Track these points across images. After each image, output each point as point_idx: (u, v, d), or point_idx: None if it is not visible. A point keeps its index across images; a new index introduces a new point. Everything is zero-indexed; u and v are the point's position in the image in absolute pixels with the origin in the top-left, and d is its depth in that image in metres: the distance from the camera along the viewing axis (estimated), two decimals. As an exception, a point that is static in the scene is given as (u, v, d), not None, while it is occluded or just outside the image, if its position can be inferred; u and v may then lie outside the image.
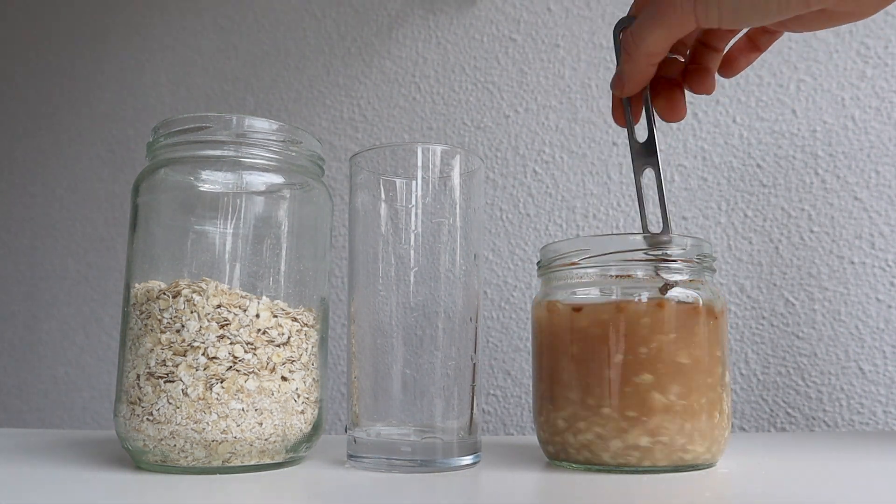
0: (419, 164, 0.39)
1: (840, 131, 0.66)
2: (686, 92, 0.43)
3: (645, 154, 0.42)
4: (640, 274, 0.38)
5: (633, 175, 0.43)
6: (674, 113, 0.43)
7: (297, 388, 0.39)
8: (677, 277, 0.38)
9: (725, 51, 0.44)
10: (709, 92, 0.43)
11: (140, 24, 0.91)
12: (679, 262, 0.39)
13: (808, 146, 0.67)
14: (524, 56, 0.75)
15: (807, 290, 0.65)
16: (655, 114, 0.42)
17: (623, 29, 0.42)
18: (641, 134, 0.42)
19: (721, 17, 0.34)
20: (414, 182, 0.39)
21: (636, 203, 0.43)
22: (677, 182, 0.69)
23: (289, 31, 0.84)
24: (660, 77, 0.42)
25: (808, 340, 0.64)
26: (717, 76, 0.44)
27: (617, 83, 0.41)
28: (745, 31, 0.43)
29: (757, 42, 0.43)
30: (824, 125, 0.67)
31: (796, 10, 0.33)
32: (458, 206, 0.40)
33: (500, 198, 0.73)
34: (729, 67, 0.44)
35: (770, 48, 0.68)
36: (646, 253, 0.39)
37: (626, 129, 0.43)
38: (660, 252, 0.39)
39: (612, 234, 0.41)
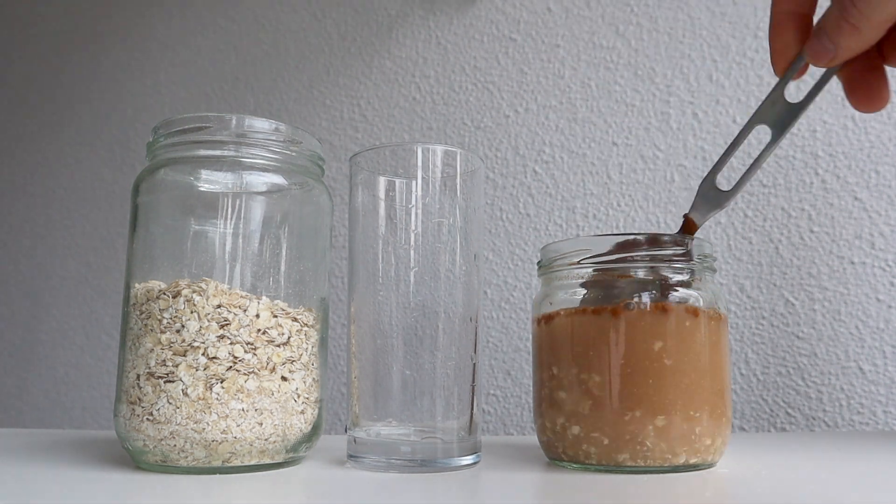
0: (419, 164, 0.39)
1: (840, 131, 0.66)
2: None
3: (781, 115, 0.37)
4: (640, 274, 0.38)
5: (747, 122, 0.37)
6: (874, 101, 0.35)
7: (297, 388, 0.39)
8: (678, 277, 0.38)
9: None
10: None
11: (140, 24, 0.91)
12: (679, 262, 0.39)
13: (808, 146, 0.67)
14: (524, 56, 0.75)
15: (807, 290, 0.65)
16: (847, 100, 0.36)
17: None
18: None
19: None
20: (414, 182, 0.39)
21: (726, 149, 0.38)
22: (677, 182, 0.69)
23: (289, 31, 0.84)
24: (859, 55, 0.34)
25: (808, 340, 0.64)
26: None
27: (822, 54, 0.33)
28: None
29: None
30: (824, 125, 0.67)
31: None
32: (458, 206, 0.40)
33: (500, 198, 0.73)
34: None
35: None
36: (651, 251, 0.38)
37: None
38: (683, 240, 0.38)
39: (613, 234, 0.41)
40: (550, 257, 0.41)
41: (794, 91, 0.38)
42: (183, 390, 0.36)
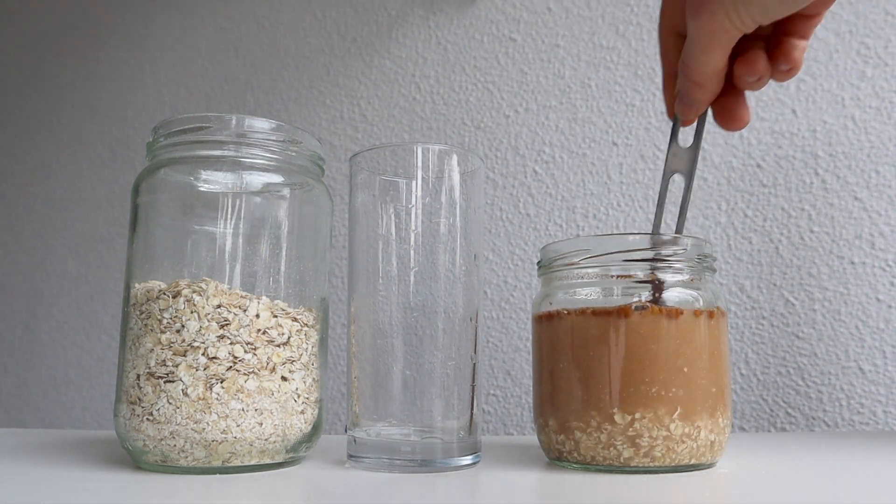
0: (419, 164, 0.39)
1: (840, 131, 0.66)
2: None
3: (684, 160, 0.42)
4: (640, 274, 0.38)
5: (661, 176, 0.42)
6: (735, 122, 0.41)
7: (297, 388, 0.39)
8: (678, 277, 0.38)
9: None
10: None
11: (140, 24, 0.92)
12: (679, 262, 0.39)
13: (808, 146, 0.67)
14: (524, 56, 0.75)
15: (807, 290, 0.65)
16: (708, 121, 0.41)
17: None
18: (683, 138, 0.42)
19: (752, 17, 0.34)
20: (414, 182, 0.39)
21: (656, 204, 0.42)
22: (677, 182, 0.69)
23: (289, 31, 0.84)
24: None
25: (808, 340, 0.64)
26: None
27: (685, 110, 0.40)
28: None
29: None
30: (824, 125, 0.67)
31: None
32: (458, 206, 0.40)
33: (500, 198, 0.73)
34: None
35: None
36: (651, 252, 0.39)
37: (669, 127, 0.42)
38: (659, 253, 0.39)
39: (612, 234, 0.41)
40: (550, 257, 0.41)
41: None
42: (183, 390, 0.36)
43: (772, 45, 0.40)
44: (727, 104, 0.41)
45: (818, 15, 0.39)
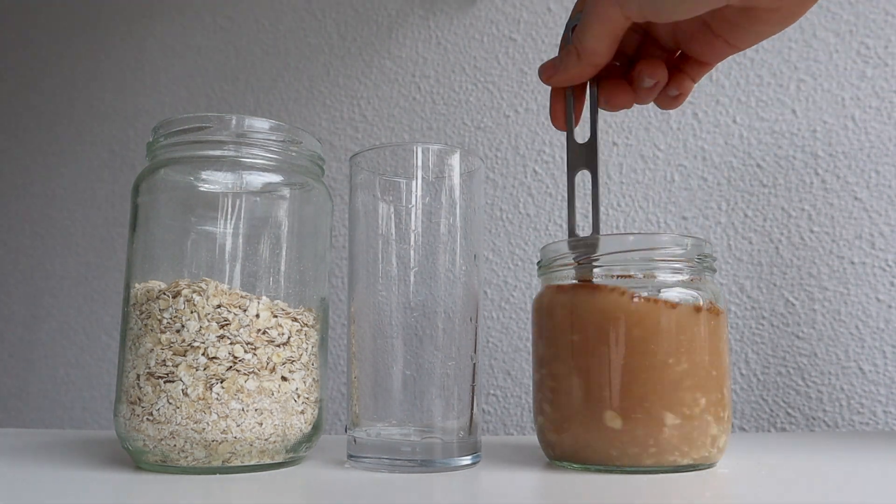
0: (419, 164, 0.39)
1: (840, 131, 0.66)
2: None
3: (584, 156, 0.42)
4: (640, 274, 0.38)
5: (566, 175, 0.42)
6: (613, 103, 0.42)
7: (297, 388, 0.39)
8: (678, 277, 0.38)
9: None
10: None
11: (140, 24, 0.92)
12: (679, 262, 0.39)
13: (808, 146, 0.67)
14: (524, 56, 0.75)
15: (807, 290, 0.65)
16: (599, 112, 0.42)
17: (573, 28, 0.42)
18: (581, 135, 0.42)
19: (641, 9, 0.35)
20: (414, 182, 0.39)
21: (566, 204, 0.42)
22: (677, 182, 0.69)
23: (289, 31, 0.84)
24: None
25: (808, 340, 0.64)
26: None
27: (548, 70, 0.41)
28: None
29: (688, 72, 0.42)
30: (824, 125, 0.67)
31: (716, 2, 0.34)
32: (458, 206, 0.40)
33: (500, 198, 0.73)
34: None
35: (770, 48, 0.68)
36: (573, 258, 0.39)
37: (576, 129, 0.43)
38: (583, 255, 0.39)
39: (612, 234, 0.41)
40: (550, 257, 0.41)
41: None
42: (183, 390, 0.36)
43: (671, 74, 0.42)
44: (612, 85, 0.42)
45: (710, 64, 0.42)
